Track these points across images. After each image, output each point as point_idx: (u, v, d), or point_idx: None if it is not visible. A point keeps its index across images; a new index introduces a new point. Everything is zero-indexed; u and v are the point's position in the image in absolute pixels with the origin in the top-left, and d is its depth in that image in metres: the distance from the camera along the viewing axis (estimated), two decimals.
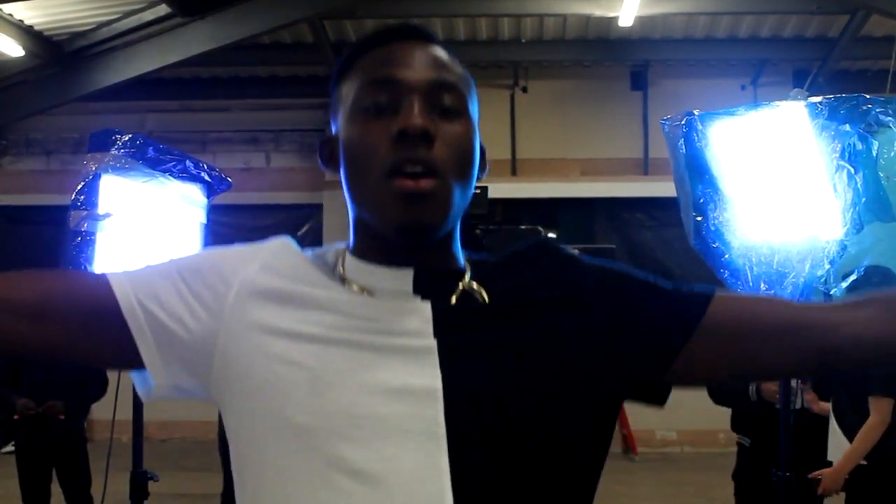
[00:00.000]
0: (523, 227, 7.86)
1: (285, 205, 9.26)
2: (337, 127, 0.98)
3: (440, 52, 0.95)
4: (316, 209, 8.96)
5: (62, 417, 4.62)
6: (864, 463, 3.37)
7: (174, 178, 3.02)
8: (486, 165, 1.00)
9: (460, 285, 0.93)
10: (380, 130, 0.90)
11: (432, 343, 0.88)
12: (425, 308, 0.91)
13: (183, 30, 7.47)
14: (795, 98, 2.40)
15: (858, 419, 3.41)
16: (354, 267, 0.95)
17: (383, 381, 0.86)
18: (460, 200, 0.92)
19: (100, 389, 4.77)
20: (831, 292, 2.32)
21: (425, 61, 0.93)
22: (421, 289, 0.92)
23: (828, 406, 3.52)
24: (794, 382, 3.32)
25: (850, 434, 3.41)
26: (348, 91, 0.95)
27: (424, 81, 0.91)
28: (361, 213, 0.94)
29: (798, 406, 3.43)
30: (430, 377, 0.87)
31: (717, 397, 3.79)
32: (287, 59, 8.66)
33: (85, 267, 2.67)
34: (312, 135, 9.23)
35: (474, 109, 0.96)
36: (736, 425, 3.78)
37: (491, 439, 0.86)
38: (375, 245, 0.94)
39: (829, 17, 7.92)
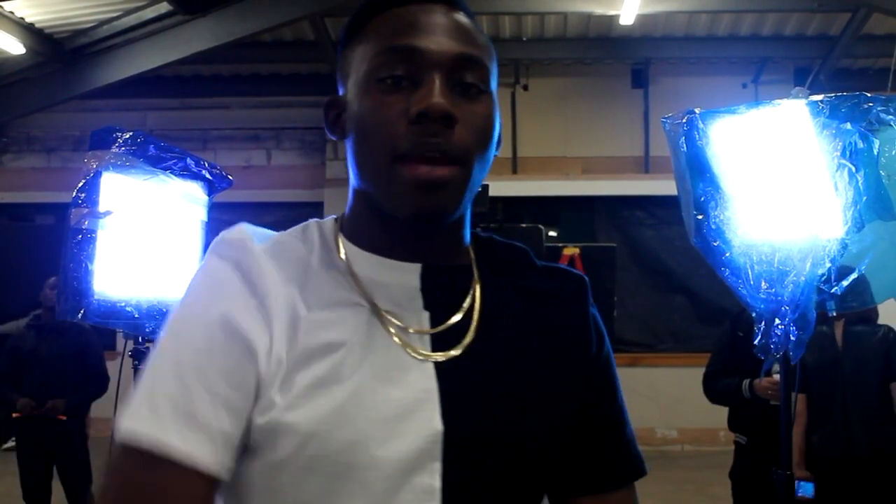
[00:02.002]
0: (524, 225, 7.85)
1: (286, 203, 9.26)
2: (345, 91, 0.89)
3: (465, 20, 0.87)
4: (317, 207, 8.96)
5: (63, 418, 4.62)
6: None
7: (175, 175, 3.02)
8: (501, 141, 0.93)
9: (467, 301, 0.91)
10: (396, 106, 0.82)
11: (437, 421, 0.84)
12: (427, 367, 0.86)
13: (184, 27, 7.46)
14: (797, 96, 2.40)
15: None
16: (359, 257, 0.89)
17: (388, 458, 0.82)
18: (477, 182, 0.87)
19: (100, 387, 4.77)
20: (832, 291, 2.31)
21: (450, 30, 0.85)
22: (428, 288, 0.89)
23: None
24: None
25: None
26: (363, 54, 0.86)
27: (449, 55, 0.83)
28: (367, 190, 0.87)
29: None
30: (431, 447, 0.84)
31: (712, 395, 3.78)
32: (288, 56, 8.66)
33: (85, 265, 2.67)
34: (314, 133, 9.24)
35: (496, 83, 0.90)
36: (733, 423, 3.77)
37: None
38: (379, 227, 0.89)
39: (831, 15, 7.91)
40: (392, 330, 0.87)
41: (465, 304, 0.90)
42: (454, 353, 0.87)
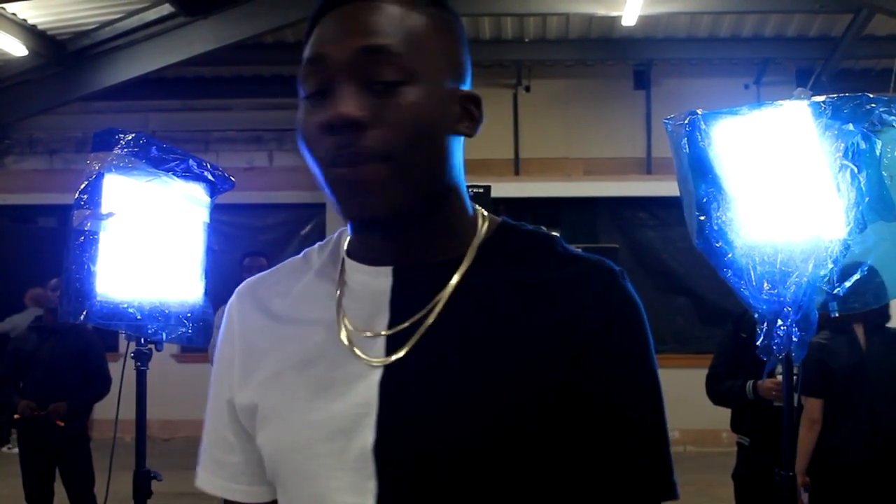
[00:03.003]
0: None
1: (288, 204, 9.26)
2: None
3: (378, 10, 0.80)
4: (319, 208, 8.96)
5: (61, 424, 4.60)
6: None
7: (177, 177, 3.02)
8: (482, 117, 0.86)
9: (436, 300, 0.84)
10: (316, 121, 0.81)
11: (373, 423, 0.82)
12: (374, 375, 0.83)
13: (186, 29, 7.47)
14: (799, 97, 2.39)
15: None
16: (349, 267, 0.90)
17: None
18: (426, 173, 0.81)
19: (102, 389, 4.77)
20: (834, 291, 2.31)
21: (355, 25, 0.79)
22: (398, 291, 0.85)
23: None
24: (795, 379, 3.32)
25: None
26: (301, 65, 0.85)
27: (349, 53, 0.79)
28: None
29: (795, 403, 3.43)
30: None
31: (716, 397, 3.77)
32: (290, 58, 8.64)
33: (88, 266, 2.67)
34: None
35: (434, 61, 0.81)
36: (735, 425, 3.77)
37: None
38: (354, 233, 0.89)
39: (833, 16, 7.90)
40: (348, 340, 0.85)
41: (433, 303, 0.83)
42: (401, 355, 0.82)
